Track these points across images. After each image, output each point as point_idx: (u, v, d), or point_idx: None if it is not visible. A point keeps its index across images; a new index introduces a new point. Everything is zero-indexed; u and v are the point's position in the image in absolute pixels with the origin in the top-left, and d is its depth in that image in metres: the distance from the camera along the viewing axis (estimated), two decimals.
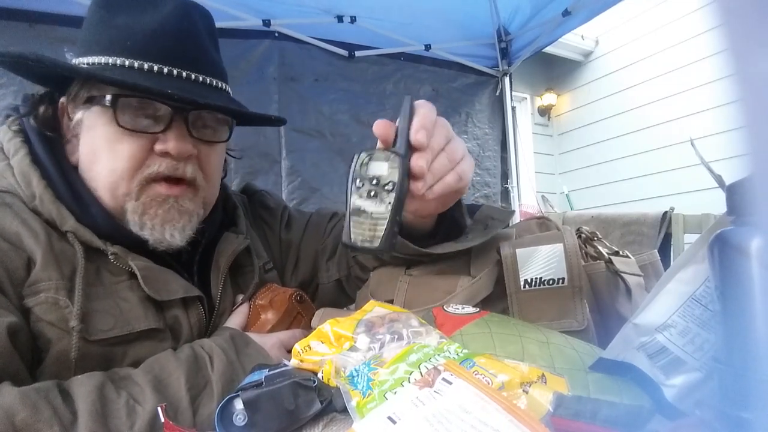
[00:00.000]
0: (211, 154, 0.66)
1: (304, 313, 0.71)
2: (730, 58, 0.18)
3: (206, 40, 0.65)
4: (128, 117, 0.59)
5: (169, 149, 0.59)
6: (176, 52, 0.61)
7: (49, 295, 0.53)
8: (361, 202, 0.46)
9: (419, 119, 0.48)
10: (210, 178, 0.66)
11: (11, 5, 1.75)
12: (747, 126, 0.18)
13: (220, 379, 0.53)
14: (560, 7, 2.30)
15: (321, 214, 0.88)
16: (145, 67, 0.59)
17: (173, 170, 0.61)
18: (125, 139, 0.59)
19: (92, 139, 0.61)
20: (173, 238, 0.61)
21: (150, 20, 0.60)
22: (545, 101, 5.03)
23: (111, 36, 0.60)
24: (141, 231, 0.60)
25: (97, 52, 0.60)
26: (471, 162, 0.54)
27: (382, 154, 0.47)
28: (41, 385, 0.45)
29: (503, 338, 0.45)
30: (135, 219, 0.60)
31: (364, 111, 2.40)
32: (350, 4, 2.24)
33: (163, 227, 0.60)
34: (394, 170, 0.46)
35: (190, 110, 0.61)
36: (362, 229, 0.46)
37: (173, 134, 0.60)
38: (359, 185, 0.46)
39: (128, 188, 0.60)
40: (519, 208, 2.88)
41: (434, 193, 0.50)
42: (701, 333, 0.36)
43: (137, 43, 0.59)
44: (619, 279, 0.60)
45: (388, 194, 0.45)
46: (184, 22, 0.62)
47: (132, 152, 0.59)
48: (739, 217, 0.33)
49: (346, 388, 0.37)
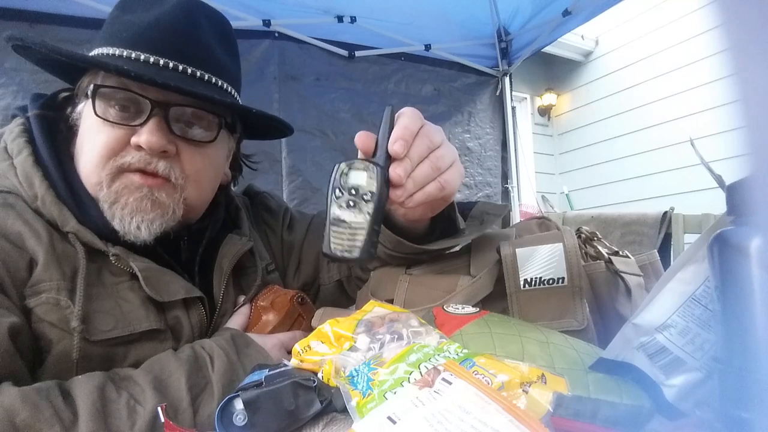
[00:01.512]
0: (195, 154, 0.63)
1: (305, 315, 0.71)
2: (730, 58, 0.18)
3: (209, 38, 0.64)
4: (109, 108, 0.59)
5: (141, 142, 0.58)
6: (167, 44, 0.60)
7: (50, 296, 0.53)
8: (341, 212, 0.46)
9: (398, 130, 0.48)
10: (191, 179, 0.63)
11: (11, 5, 1.75)
12: (747, 126, 0.18)
13: (221, 379, 0.53)
14: (560, 7, 2.30)
15: (323, 216, 0.88)
16: (132, 56, 0.59)
17: (146, 164, 0.59)
18: (103, 129, 0.59)
19: (81, 131, 0.62)
20: (139, 231, 0.59)
21: (149, 15, 0.61)
22: (545, 101, 5.03)
23: (113, 30, 0.61)
24: (112, 221, 0.58)
25: (99, 45, 0.61)
26: (459, 170, 0.53)
27: (362, 164, 0.47)
28: (42, 385, 0.45)
29: (503, 338, 0.45)
30: (106, 208, 0.59)
31: (367, 109, 2.40)
32: (350, 4, 2.24)
33: (131, 217, 0.58)
34: (373, 180, 0.46)
35: (171, 105, 0.59)
36: (341, 239, 0.46)
37: (149, 128, 0.58)
38: (338, 195, 0.46)
39: (99, 177, 0.59)
40: (519, 208, 2.87)
41: (414, 201, 0.50)
42: (701, 333, 0.36)
43: (131, 35, 0.60)
44: (619, 279, 0.60)
45: (367, 204, 0.46)
46: (181, 16, 0.62)
47: (106, 142, 0.58)
48: (739, 217, 0.33)
49: (346, 388, 0.37)
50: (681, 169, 3.72)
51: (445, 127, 2.60)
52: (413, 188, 0.49)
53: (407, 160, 0.48)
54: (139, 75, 0.56)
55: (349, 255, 0.46)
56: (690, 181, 3.54)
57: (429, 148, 0.51)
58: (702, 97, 3.64)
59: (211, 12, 0.66)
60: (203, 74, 0.62)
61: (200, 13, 0.64)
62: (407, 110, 0.50)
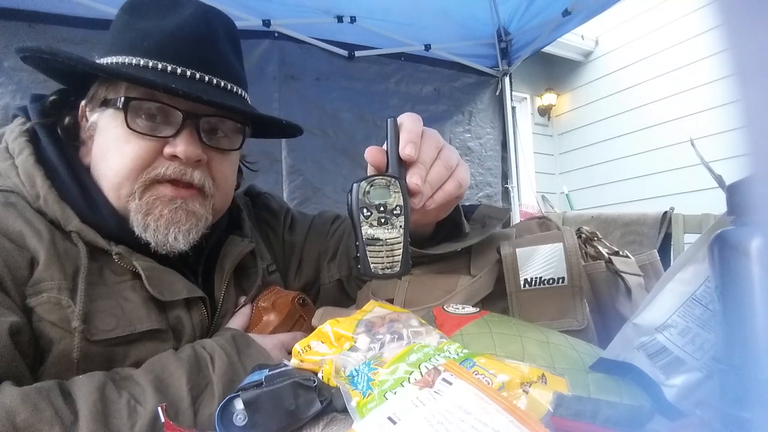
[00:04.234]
0: (223, 162, 0.65)
1: (306, 316, 0.71)
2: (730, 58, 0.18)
3: (225, 45, 0.65)
4: (138, 120, 0.59)
5: (177, 153, 0.59)
6: (192, 54, 0.61)
7: (51, 295, 0.53)
8: (374, 231, 0.47)
9: (405, 135, 0.49)
10: (220, 187, 0.66)
11: (11, 5, 1.75)
12: (747, 126, 0.18)
13: (221, 379, 0.53)
14: (560, 7, 2.30)
15: (324, 217, 0.88)
16: (159, 67, 0.59)
17: (180, 174, 0.60)
18: (133, 140, 0.59)
19: (103, 140, 0.61)
20: (176, 241, 0.60)
21: (168, 23, 0.61)
22: (545, 101, 5.03)
23: (130, 38, 0.61)
24: (144, 232, 0.59)
25: (115, 53, 0.60)
26: (466, 167, 0.54)
27: (382, 180, 0.47)
28: (42, 385, 0.45)
29: (503, 338, 0.45)
30: (138, 219, 0.59)
31: (368, 109, 2.40)
32: (350, 4, 2.24)
33: (167, 229, 0.59)
34: (398, 194, 0.47)
35: (201, 116, 0.61)
36: (380, 258, 0.47)
37: (183, 138, 0.59)
38: (367, 214, 0.47)
39: (131, 189, 0.59)
40: (519, 208, 2.88)
41: (436, 202, 0.51)
42: (701, 333, 0.36)
43: (153, 44, 0.60)
44: (619, 279, 0.60)
45: (398, 218, 0.47)
46: (202, 25, 0.62)
47: (139, 153, 0.59)
48: (739, 217, 0.33)
49: (346, 388, 0.37)
50: (681, 169, 3.72)
51: (445, 126, 2.60)
52: (431, 190, 0.50)
53: (420, 165, 0.49)
54: (187, 93, 0.57)
55: (391, 271, 0.47)
56: (690, 181, 3.54)
57: (437, 147, 0.51)
58: (702, 97, 3.64)
59: (224, 18, 0.67)
60: (225, 83, 0.64)
61: (217, 20, 0.65)
62: (406, 116, 0.51)
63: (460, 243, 0.61)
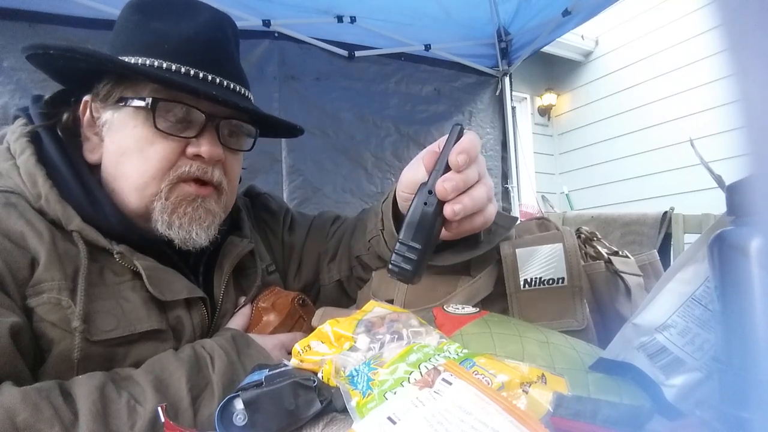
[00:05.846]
0: (234, 161, 0.69)
1: (306, 316, 0.71)
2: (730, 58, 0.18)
3: (234, 50, 0.68)
4: (165, 120, 0.61)
5: (201, 152, 0.62)
6: (209, 59, 0.63)
7: (51, 296, 0.53)
8: None
9: (463, 144, 0.48)
10: (232, 185, 0.69)
11: (11, 5, 1.75)
12: (747, 126, 0.18)
13: (221, 379, 0.53)
14: (560, 7, 2.30)
15: (323, 218, 0.89)
16: (182, 70, 0.61)
17: (203, 173, 0.63)
18: (158, 141, 0.61)
19: (121, 140, 0.62)
20: (198, 237, 0.63)
21: (186, 27, 0.62)
22: (545, 101, 5.03)
23: (147, 39, 0.61)
24: (169, 230, 0.62)
25: (132, 53, 0.61)
26: (496, 206, 0.55)
27: None
28: (42, 385, 0.45)
29: (503, 338, 0.45)
30: (164, 218, 0.61)
31: (368, 109, 2.39)
32: (350, 4, 2.24)
33: (190, 226, 0.62)
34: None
35: (221, 118, 0.64)
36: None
37: (206, 139, 0.62)
38: None
39: (157, 188, 0.61)
40: (519, 208, 2.88)
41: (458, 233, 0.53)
42: (701, 333, 0.36)
43: (172, 47, 0.61)
44: (618, 279, 0.60)
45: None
46: (218, 31, 0.65)
47: (164, 154, 0.61)
48: (739, 217, 0.33)
49: (346, 388, 0.37)
50: (681, 169, 3.72)
51: (445, 127, 2.60)
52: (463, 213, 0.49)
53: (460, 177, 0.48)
54: (209, 93, 0.59)
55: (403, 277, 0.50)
56: (690, 181, 3.54)
57: (480, 174, 0.51)
58: (702, 97, 3.64)
59: (232, 23, 0.69)
60: (237, 87, 0.66)
61: (228, 26, 0.67)
62: (472, 133, 0.51)
63: (466, 254, 0.60)
